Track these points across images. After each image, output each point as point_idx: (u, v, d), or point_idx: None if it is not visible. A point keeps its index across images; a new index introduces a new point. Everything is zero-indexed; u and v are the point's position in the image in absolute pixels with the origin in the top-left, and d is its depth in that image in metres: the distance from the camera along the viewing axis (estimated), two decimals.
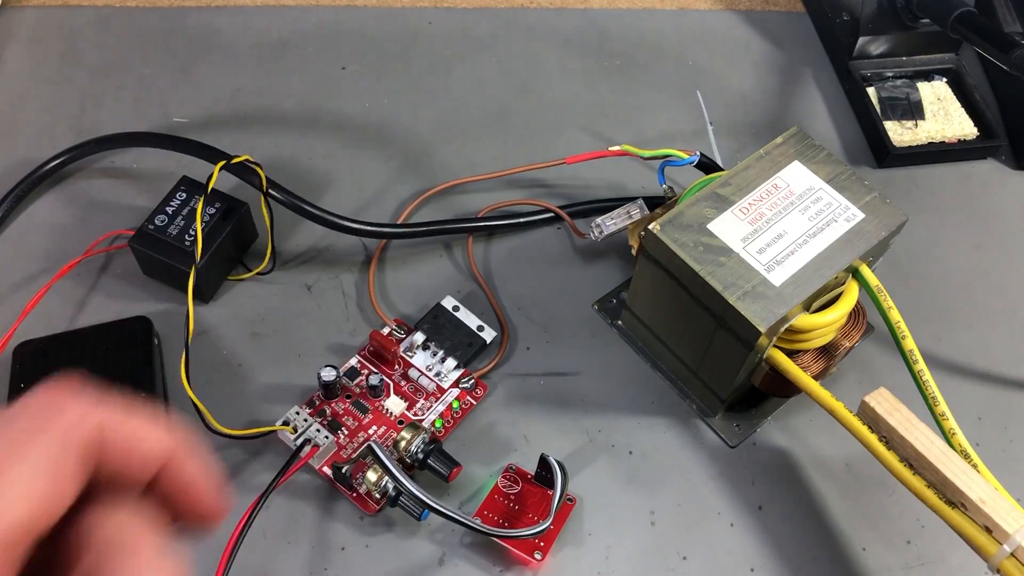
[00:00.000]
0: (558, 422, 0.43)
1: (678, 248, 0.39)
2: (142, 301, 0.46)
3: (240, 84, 0.55)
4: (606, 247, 0.50)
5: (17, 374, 0.40)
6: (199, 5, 0.59)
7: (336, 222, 0.45)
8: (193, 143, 0.46)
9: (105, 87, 0.55)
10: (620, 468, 0.42)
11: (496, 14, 0.61)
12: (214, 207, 0.45)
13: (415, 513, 0.38)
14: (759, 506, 0.42)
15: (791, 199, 0.40)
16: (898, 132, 0.55)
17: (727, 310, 0.38)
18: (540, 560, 0.39)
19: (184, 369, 0.39)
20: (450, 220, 0.49)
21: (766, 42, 0.61)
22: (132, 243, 0.44)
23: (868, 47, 0.57)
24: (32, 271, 0.47)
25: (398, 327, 0.45)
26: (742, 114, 0.57)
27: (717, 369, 0.41)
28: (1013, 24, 0.57)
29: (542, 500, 0.40)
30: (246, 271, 0.47)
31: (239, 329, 0.45)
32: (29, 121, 0.53)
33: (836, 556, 0.40)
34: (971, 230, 0.52)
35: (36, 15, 0.58)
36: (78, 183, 0.50)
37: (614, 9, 0.62)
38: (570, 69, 0.58)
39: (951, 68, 0.58)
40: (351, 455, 0.41)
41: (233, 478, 0.41)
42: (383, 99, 0.56)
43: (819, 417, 0.43)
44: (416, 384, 0.44)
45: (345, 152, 0.53)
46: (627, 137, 0.55)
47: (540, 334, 0.46)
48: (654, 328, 0.44)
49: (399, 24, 0.59)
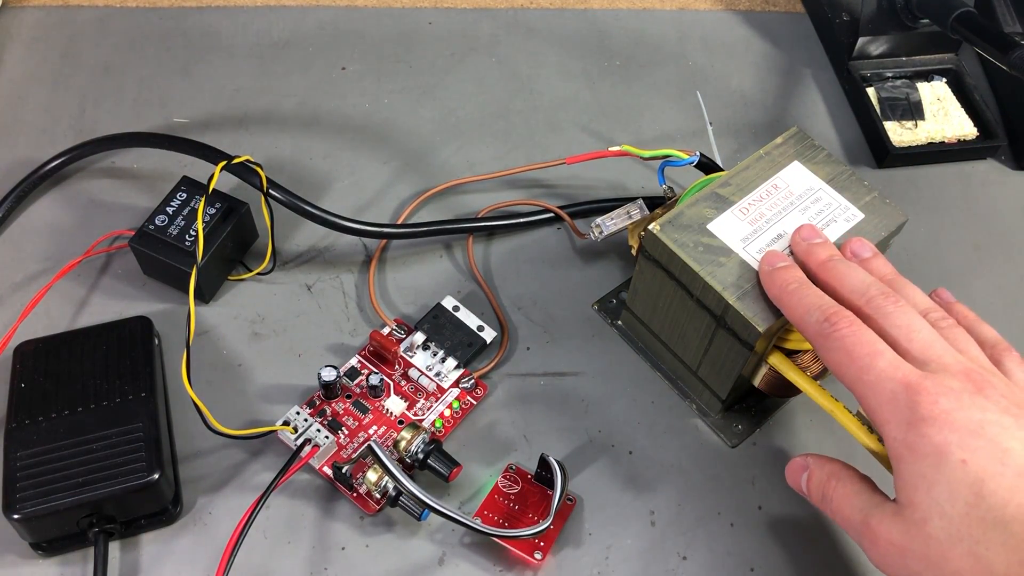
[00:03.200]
0: (558, 422, 0.43)
1: (678, 248, 0.39)
2: (142, 301, 0.46)
3: (240, 84, 0.55)
4: (606, 247, 0.50)
5: (17, 374, 0.40)
6: (199, 5, 0.59)
7: (336, 222, 0.45)
8: (193, 143, 0.46)
9: (105, 87, 0.55)
10: (620, 468, 0.42)
11: (496, 14, 0.61)
12: (214, 207, 0.45)
13: (415, 513, 0.38)
14: (759, 506, 0.42)
15: (791, 199, 0.40)
16: (898, 132, 0.55)
17: (727, 310, 0.38)
18: (540, 560, 0.39)
19: (185, 369, 0.39)
20: (450, 220, 0.49)
21: (766, 42, 0.61)
22: (132, 243, 0.44)
23: (868, 47, 0.57)
24: (32, 271, 0.47)
25: (398, 327, 0.45)
26: (742, 114, 0.57)
27: (717, 369, 0.41)
28: (1013, 24, 0.57)
29: (542, 500, 0.40)
30: (246, 271, 0.47)
31: (239, 329, 0.45)
32: (29, 121, 0.53)
33: (836, 556, 0.40)
34: (971, 230, 0.52)
35: (36, 15, 0.58)
36: (78, 183, 0.50)
37: (614, 9, 0.62)
38: (570, 69, 0.58)
39: (951, 68, 0.58)
40: (351, 455, 0.41)
41: (233, 478, 0.41)
42: (383, 99, 0.56)
43: (819, 417, 0.43)
44: (416, 384, 0.44)
45: (345, 152, 0.53)
46: (627, 137, 0.55)
47: (540, 334, 0.46)
48: (654, 328, 0.44)
49: (399, 24, 0.60)
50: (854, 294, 0.35)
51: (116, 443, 0.38)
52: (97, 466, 0.37)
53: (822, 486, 0.35)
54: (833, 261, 0.37)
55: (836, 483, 0.35)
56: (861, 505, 0.33)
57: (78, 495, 0.36)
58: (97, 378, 0.40)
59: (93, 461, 0.37)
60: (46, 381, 0.40)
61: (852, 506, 0.34)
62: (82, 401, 0.39)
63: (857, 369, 0.33)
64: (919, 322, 0.34)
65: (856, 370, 0.33)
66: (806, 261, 0.38)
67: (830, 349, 0.34)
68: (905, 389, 0.31)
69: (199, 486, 0.40)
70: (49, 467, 0.37)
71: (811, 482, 0.36)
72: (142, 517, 0.39)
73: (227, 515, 0.40)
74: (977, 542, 0.29)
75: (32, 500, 0.36)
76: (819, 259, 0.37)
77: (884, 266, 0.37)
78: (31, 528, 0.37)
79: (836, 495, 0.35)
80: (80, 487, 0.36)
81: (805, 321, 0.35)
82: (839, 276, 0.36)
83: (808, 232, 0.39)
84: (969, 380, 0.31)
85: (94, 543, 0.37)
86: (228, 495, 0.40)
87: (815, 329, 0.34)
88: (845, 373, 0.33)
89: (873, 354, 0.33)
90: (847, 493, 0.34)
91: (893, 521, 0.32)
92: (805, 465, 0.37)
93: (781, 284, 0.36)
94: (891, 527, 0.32)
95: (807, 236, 0.38)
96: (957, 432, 0.30)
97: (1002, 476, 0.29)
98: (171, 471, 0.40)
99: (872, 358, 0.33)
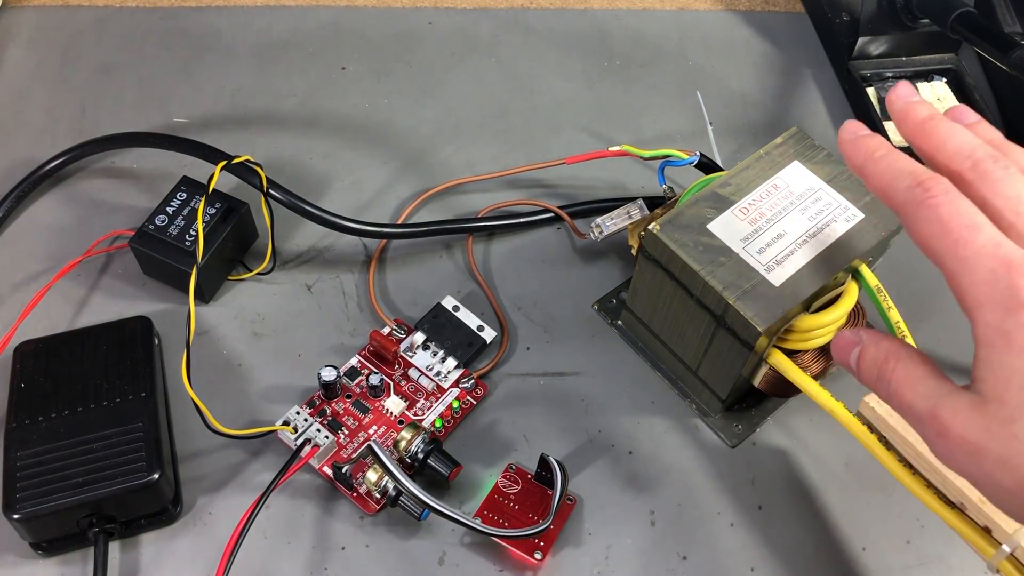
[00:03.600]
0: (558, 422, 0.43)
1: (678, 248, 0.39)
2: (142, 301, 0.46)
3: (240, 84, 0.55)
4: (606, 247, 0.50)
5: (17, 374, 0.40)
6: (199, 5, 0.59)
7: (336, 222, 0.45)
8: (193, 143, 0.46)
9: (105, 87, 0.55)
10: (620, 468, 0.42)
11: (496, 14, 0.61)
12: (214, 207, 0.45)
13: (415, 513, 0.38)
14: (759, 506, 0.42)
15: (791, 199, 0.40)
16: (898, 132, 0.54)
17: (727, 310, 0.38)
18: (540, 560, 0.39)
19: (185, 369, 0.39)
20: (450, 220, 0.49)
21: (766, 42, 0.61)
22: (132, 243, 0.44)
23: (868, 47, 0.57)
24: (32, 271, 0.47)
25: (398, 327, 0.45)
26: (742, 114, 0.57)
27: (717, 369, 0.41)
28: (1013, 24, 0.57)
29: (542, 500, 0.40)
30: (246, 271, 0.47)
31: (239, 329, 0.45)
32: (29, 121, 0.53)
33: (836, 556, 0.40)
34: None
35: (36, 15, 0.58)
36: (78, 183, 0.50)
37: (614, 9, 0.62)
38: (570, 69, 0.58)
39: (951, 68, 0.58)
40: (351, 455, 0.41)
41: (233, 478, 0.41)
42: (383, 99, 0.56)
43: (819, 417, 0.43)
44: (416, 384, 0.44)
45: (345, 152, 0.53)
46: (627, 137, 0.55)
47: (540, 334, 0.46)
48: (654, 328, 0.44)
49: (399, 24, 0.60)
50: (958, 156, 0.30)
51: (116, 443, 0.38)
52: (97, 466, 0.37)
53: (878, 365, 0.31)
54: (935, 120, 0.32)
55: (896, 363, 0.30)
56: (928, 392, 0.29)
57: (78, 495, 0.36)
58: (97, 378, 0.40)
59: (93, 461, 0.37)
60: (46, 381, 0.40)
61: (916, 392, 0.29)
62: (82, 401, 0.39)
63: (952, 242, 0.28)
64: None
65: (951, 243, 0.28)
66: (903, 121, 0.33)
67: (921, 220, 0.29)
68: (1008, 269, 0.27)
69: (199, 486, 0.40)
70: (49, 467, 0.37)
71: (864, 359, 0.31)
72: (142, 517, 0.39)
73: (227, 515, 0.40)
74: None
75: (32, 500, 0.36)
76: (918, 118, 0.32)
77: (991, 131, 0.32)
78: (31, 528, 0.37)
79: (896, 376, 0.30)
80: (80, 487, 0.36)
81: (893, 188, 0.30)
82: (941, 136, 0.31)
83: (905, 90, 0.33)
84: None
85: (94, 543, 0.37)
86: (228, 495, 0.40)
87: (904, 196, 0.30)
88: (936, 247, 0.29)
89: (972, 226, 0.28)
90: (911, 376, 0.30)
91: (971, 415, 0.28)
92: (857, 340, 0.32)
93: (866, 151, 0.32)
94: (968, 421, 0.28)
95: (904, 94, 0.33)
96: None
97: None
98: (171, 471, 0.40)
99: (971, 231, 0.28)
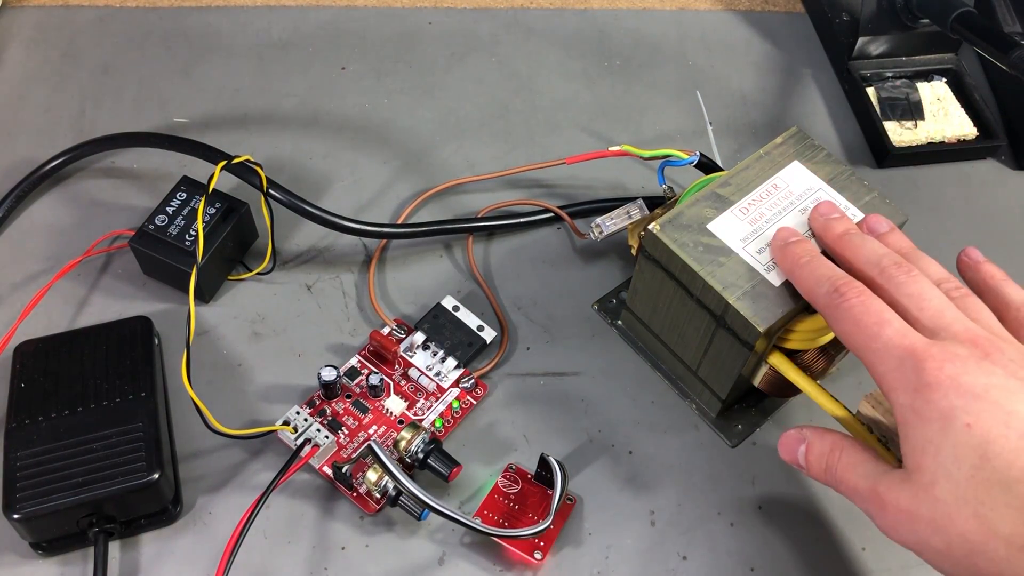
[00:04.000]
0: (558, 422, 0.43)
1: (678, 248, 0.39)
2: (142, 301, 0.46)
3: (240, 84, 0.55)
4: (606, 247, 0.50)
5: (17, 374, 0.40)
6: (199, 5, 0.59)
7: (336, 222, 0.45)
8: (193, 143, 0.46)
9: (105, 87, 0.55)
10: (620, 468, 0.42)
11: (496, 14, 0.61)
12: (214, 207, 0.45)
13: (415, 513, 0.38)
14: (759, 506, 0.42)
15: (791, 199, 0.40)
16: (898, 132, 0.55)
17: (727, 310, 0.38)
18: (540, 560, 0.39)
19: (185, 369, 0.39)
20: (450, 220, 0.49)
21: (766, 42, 0.61)
22: (132, 243, 0.44)
23: (868, 47, 0.57)
24: (32, 271, 0.47)
25: (398, 327, 0.45)
26: (742, 114, 0.57)
27: (717, 369, 0.41)
28: (1013, 24, 0.57)
29: (542, 500, 0.40)
30: (246, 271, 0.47)
31: (239, 329, 0.45)
32: (29, 121, 0.53)
33: (836, 556, 0.40)
34: (971, 230, 0.52)
35: (36, 15, 0.58)
36: (78, 183, 0.50)
37: (614, 9, 0.62)
38: (570, 69, 0.58)
39: (951, 68, 0.58)
40: (351, 455, 0.41)
41: (233, 478, 0.41)
42: (383, 99, 0.56)
43: (819, 417, 0.43)
44: (416, 384, 0.44)
45: (345, 152, 0.53)
46: (627, 137, 0.55)
47: (540, 334, 0.46)
48: (654, 328, 0.44)
49: (399, 24, 0.60)
50: (867, 265, 0.35)
51: (116, 443, 0.38)
52: (97, 466, 0.37)
53: (824, 457, 0.35)
54: (849, 235, 0.37)
55: (840, 454, 0.34)
56: (868, 473, 0.33)
57: (78, 495, 0.36)
58: (97, 378, 0.40)
59: (93, 461, 0.37)
60: (46, 381, 0.40)
61: (859, 475, 0.33)
62: (82, 401, 0.39)
63: (865, 338, 0.33)
64: (931, 291, 0.34)
65: (864, 339, 0.33)
66: (823, 235, 0.38)
67: (839, 319, 0.34)
68: (911, 356, 0.31)
69: (199, 486, 0.40)
70: (49, 467, 0.37)
71: (811, 455, 0.35)
72: (142, 517, 0.39)
73: (227, 515, 0.40)
74: (982, 503, 0.29)
75: (32, 500, 0.36)
76: (835, 233, 0.37)
77: (901, 240, 0.37)
78: (31, 528, 0.37)
79: (841, 465, 0.34)
80: (80, 487, 0.36)
81: (815, 292, 0.35)
82: (854, 248, 0.36)
83: (826, 208, 0.39)
84: (976, 346, 0.31)
85: (94, 543, 0.37)
86: (228, 495, 0.40)
87: (824, 300, 0.35)
88: (853, 342, 0.33)
89: (880, 323, 0.33)
90: (853, 463, 0.34)
91: (901, 487, 0.32)
92: (801, 438, 0.36)
93: (793, 258, 0.37)
94: (899, 493, 0.31)
95: (825, 212, 0.39)
96: (962, 397, 0.30)
97: (1006, 438, 0.29)
98: (171, 471, 0.40)
99: (879, 327, 0.33)
